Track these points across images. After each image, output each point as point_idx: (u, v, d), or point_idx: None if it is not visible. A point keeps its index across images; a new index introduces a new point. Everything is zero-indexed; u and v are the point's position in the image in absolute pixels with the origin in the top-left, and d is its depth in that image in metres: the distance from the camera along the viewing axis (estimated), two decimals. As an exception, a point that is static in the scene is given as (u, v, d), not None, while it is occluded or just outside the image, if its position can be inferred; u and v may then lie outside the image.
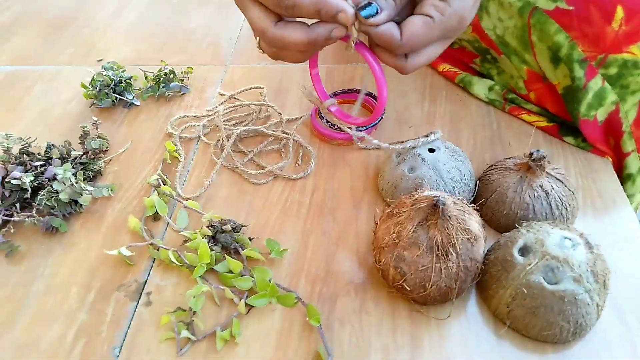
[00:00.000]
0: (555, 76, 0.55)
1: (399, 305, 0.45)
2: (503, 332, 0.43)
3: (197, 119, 0.65)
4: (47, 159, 0.57)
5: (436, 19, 0.38)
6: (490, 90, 0.64)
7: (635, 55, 0.50)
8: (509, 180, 0.48)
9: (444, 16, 0.38)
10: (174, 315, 0.44)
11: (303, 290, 0.46)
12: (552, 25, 0.52)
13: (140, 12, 0.88)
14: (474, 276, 0.43)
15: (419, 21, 0.38)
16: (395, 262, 0.42)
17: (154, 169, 0.59)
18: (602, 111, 0.54)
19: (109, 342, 0.44)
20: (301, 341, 0.43)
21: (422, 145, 0.51)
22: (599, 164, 0.56)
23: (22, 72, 0.75)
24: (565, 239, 0.41)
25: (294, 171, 0.58)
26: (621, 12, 0.49)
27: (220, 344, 0.42)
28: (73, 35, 0.83)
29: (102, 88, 0.66)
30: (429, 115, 0.63)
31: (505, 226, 0.48)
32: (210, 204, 0.54)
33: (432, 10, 0.38)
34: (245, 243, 0.49)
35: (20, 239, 0.52)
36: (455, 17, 0.38)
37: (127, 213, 0.54)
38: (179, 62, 0.74)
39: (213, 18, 0.85)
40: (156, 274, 0.48)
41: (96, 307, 0.46)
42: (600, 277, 0.40)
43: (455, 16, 0.38)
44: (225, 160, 0.59)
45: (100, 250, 0.50)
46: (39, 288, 0.48)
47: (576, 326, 0.40)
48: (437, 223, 0.40)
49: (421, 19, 0.38)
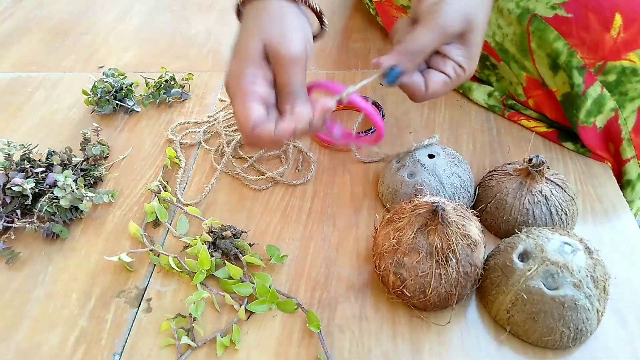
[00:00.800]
0: (554, 83, 0.55)
1: (399, 311, 0.45)
2: (503, 337, 0.42)
3: (197, 125, 0.65)
4: (48, 165, 0.57)
5: (453, 80, 0.45)
6: (489, 96, 0.64)
7: (633, 63, 0.51)
8: (508, 185, 0.48)
9: (459, 79, 0.45)
10: (174, 322, 0.44)
11: (303, 296, 0.46)
12: (551, 32, 0.52)
13: (142, 18, 0.88)
14: (473, 282, 0.43)
15: (441, 81, 0.44)
16: (395, 267, 0.42)
17: (154, 175, 0.59)
18: (601, 118, 0.54)
19: (109, 349, 0.44)
20: (301, 347, 0.43)
21: (421, 148, 0.51)
22: (599, 170, 0.56)
23: (24, 78, 0.76)
24: (565, 244, 0.41)
25: (294, 177, 0.58)
26: (620, 19, 0.49)
27: (221, 350, 0.42)
28: (75, 42, 0.83)
29: (103, 94, 0.67)
30: (429, 120, 0.63)
31: (505, 232, 0.48)
32: (210, 210, 0.55)
33: (452, 73, 0.44)
34: (246, 249, 0.49)
35: (21, 245, 0.52)
36: (466, 78, 0.46)
37: (127, 219, 0.54)
38: (179, 68, 0.75)
39: (214, 25, 0.85)
40: (156, 280, 0.49)
41: (96, 313, 0.46)
42: (600, 283, 0.40)
43: (467, 78, 0.46)
44: (226, 166, 0.59)
45: (100, 257, 0.51)
46: (40, 294, 0.48)
47: (576, 332, 0.40)
48: (437, 229, 0.41)
49: (443, 79, 0.44)
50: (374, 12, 0.78)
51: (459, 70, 0.44)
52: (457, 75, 0.44)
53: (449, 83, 0.44)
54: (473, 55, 0.45)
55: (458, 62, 0.44)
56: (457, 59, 0.44)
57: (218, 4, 0.91)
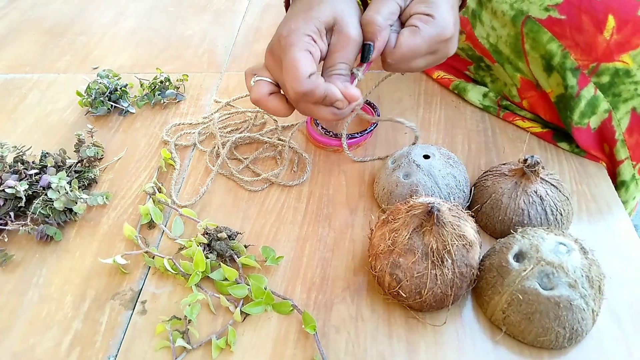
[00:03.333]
0: (548, 84, 0.55)
1: (395, 312, 0.45)
2: (499, 338, 0.43)
3: (192, 126, 0.65)
4: (42, 167, 0.57)
5: (420, 28, 0.44)
6: (484, 96, 0.64)
7: (626, 64, 0.51)
8: (503, 186, 0.48)
9: (428, 25, 0.44)
10: (169, 324, 0.43)
11: (299, 297, 0.46)
12: (544, 34, 0.52)
13: (137, 19, 0.88)
14: (469, 282, 0.43)
15: (405, 30, 0.44)
16: (391, 268, 0.42)
17: (149, 176, 0.59)
18: (595, 119, 0.54)
19: (104, 351, 0.43)
20: (297, 349, 0.43)
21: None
22: (594, 169, 0.57)
23: (18, 79, 0.75)
24: (560, 244, 0.41)
25: (290, 178, 0.58)
26: (612, 21, 0.50)
27: (216, 353, 0.42)
28: (69, 43, 0.83)
29: (97, 96, 0.66)
30: (424, 121, 0.63)
31: (501, 232, 0.49)
32: (205, 212, 0.54)
33: (417, 21, 0.44)
34: (241, 250, 0.49)
35: (14, 247, 0.52)
36: (437, 27, 0.44)
37: (122, 221, 0.54)
38: (174, 69, 0.75)
39: (209, 26, 0.85)
40: (151, 282, 0.48)
41: (91, 315, 0.46)
42: (595, 283, 0.40)
43: (437, 26, 0.44)
44: (221, 168, 0.59)
45: (95, 259, 0.50)
46: (34, 297, 0.48)
47: (572, 332, 0.40)
48: (432, 229, 0.41)
49: (408, 28, 0.44)
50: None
51: (426, 18, 0.44)
52: (424, 22, 0.44)
53: (417, 32, 0.43)
54: (441, 5, 0.44)
55: (422, 12, 0.44)
56: (420, 9, 0.44)
57: (213, 5, 0.90)
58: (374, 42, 0.43)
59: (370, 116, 0.60)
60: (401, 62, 0.44)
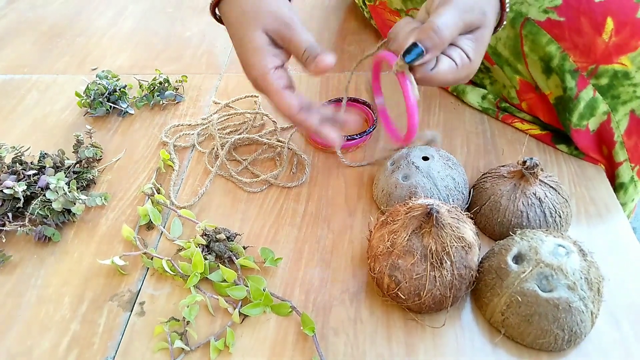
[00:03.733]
0: (547, 86, 0.55)
1: (394, 314, 0.45)
2: (498, 340, 0.43)
3: (191, 127, 0.65)
4: (40, 167, 0.56)
5: (458, 69, 0.44)
6: (483, 98, 0.64)
7: (625, 66, 0.51)
8: (502, 188, 0.48)
9: (464, 69, 0.44)
10: (167, 325, 0.43)
11: (297, 299, 0.46)
12: (543, 36, 0.53)
13: (136, 20, 0.88)
14: (468, 284, 0.43)
15: (446, 64, 0.44)
16: (390, 270, 0.42)
17: (148, 177, 0.59)
18: (593, 121, 0.54)
19: (102, 353, 0.43)
20: (295, 351, 0.43)
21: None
22: (592, 172, 0.57)
23: (17, 80, 0.75)
24: (559, 246, 0.41)
25: (289, 179, 0.58)
26: (611, 23, 0.50)
27: (214, 354, 0.42)
28: (68, 43, 0.83)
29: (96, 97, 0.66)
30: (423, 123, 0.63)
31: (500, 234, 0.49)
32: (204, 213, 0.54)
33: (458, 59, 0.44)
34: (240, 252, 0.49)
35: (12, 248, 0.52)
36: (469, 71, 0.45)
37: (120, 222, 0.53)
38: (173, 70, 0.75)
39: (208, 27, 0.85)
40: (149, 284, 0.48)
41: (89, 317, 0.46)
42: (594, 285, 0.40)
43: (470, 71, 0.45)
44: (220, 169, 0.59)
45: (93, 260, 0.50)
46: (32, 298, 0.48)
47: (571, 334, 0.40)
48: (432, 231, 0.41)
49: (449, 63, 0.44)
50: (368, 15, 0.78)
51: (465, 60, 0.44)
52: (462, 63, 0.44)
53: (453, 69, 0.44)
54: (480, 51, 0.45)
55: (466, 52, 0.44)
56: (466, 48, 0.44)
57: (212, 7, 0.90)
58: (427, 51, 0.42)
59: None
60: (426, 83, 0.45)
